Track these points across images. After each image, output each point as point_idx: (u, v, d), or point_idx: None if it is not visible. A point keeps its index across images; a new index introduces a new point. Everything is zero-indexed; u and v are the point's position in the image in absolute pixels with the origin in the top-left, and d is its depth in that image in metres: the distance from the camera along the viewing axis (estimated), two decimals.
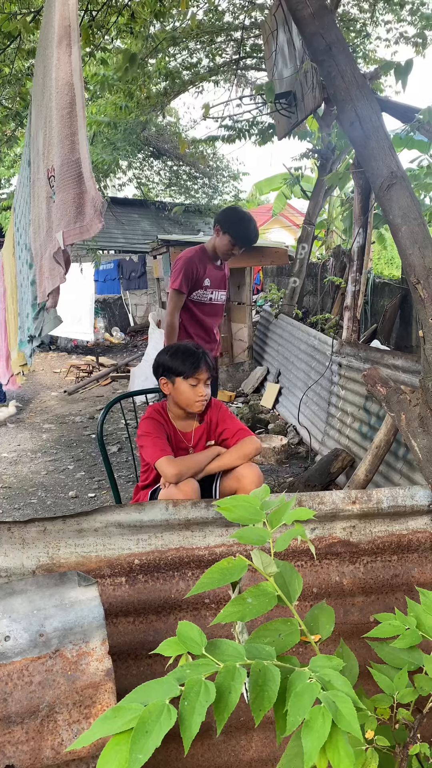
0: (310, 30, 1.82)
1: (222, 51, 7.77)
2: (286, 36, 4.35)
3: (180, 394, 2.43)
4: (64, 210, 1.95)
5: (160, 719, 0.89)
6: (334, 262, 8.58)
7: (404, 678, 1.19)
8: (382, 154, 1.72)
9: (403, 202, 1.69)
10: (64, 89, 1.95)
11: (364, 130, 1.74)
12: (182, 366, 2.40)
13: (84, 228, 1.88)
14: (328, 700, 0.95)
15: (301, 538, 1.30)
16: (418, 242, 1.66)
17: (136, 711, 0.91)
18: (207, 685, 0.94)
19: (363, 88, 1.76)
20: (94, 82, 6.01)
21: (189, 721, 0.89)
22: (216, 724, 0.93)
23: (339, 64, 1.76)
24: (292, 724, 0.94)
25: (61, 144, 1.98)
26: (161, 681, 0.96)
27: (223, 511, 1.21)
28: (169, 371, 2.42)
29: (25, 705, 1.22)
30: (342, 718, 0.93)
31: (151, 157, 15.43)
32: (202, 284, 3.88)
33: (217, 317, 4.16)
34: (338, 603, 1.64)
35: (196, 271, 3.80)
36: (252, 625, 1.43)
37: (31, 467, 5.75)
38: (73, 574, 1.34)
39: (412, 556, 1.67)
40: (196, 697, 0.92)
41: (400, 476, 3.59)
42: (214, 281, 3.94)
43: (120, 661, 1.57)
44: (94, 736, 0.92)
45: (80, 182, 1.89)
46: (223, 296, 4.10)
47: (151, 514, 1.59)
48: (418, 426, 1.68)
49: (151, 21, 4.87)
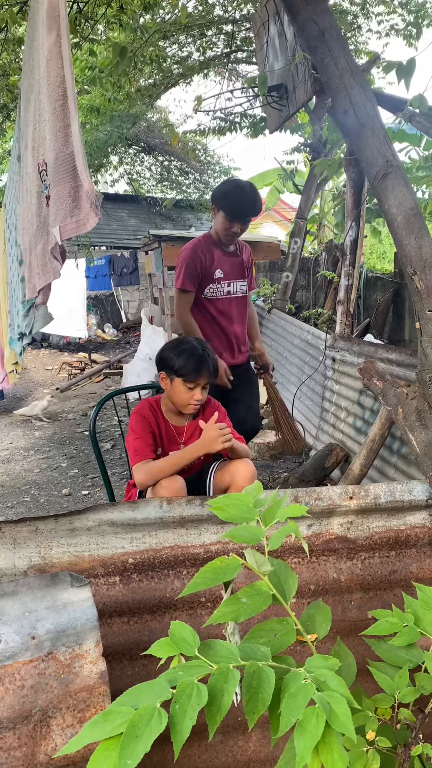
0: (303, 16, 1.79)
1: (212, 44, 7.71)
2: (277, 28, 4.31)
3: (176, 394, 2.42)
4: (60, 204, 1.91)
5: (151, 723, 0.86)
6: (327, 257, 8.56)
7: (405, 677, 1.17)
8: (377, 142, 1.69)
9: (399, 191, 1.66)
10: (56, 81, 1.92)
11: (359, 118, 1.70)
12: (184, 368, 2.36)
13: (81, 222, 1.85)
14: (323, 701, 0.93)
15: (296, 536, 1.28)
16: (414, 232, 1.63)
17: (126, 715, 0.88)
18: (199, 687, 0.92)
19: (357, 76, 1.73)
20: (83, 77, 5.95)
21: (180, 726, 0.87)
22: (209, 727, 0.90)
23: (332, 50, 1.73)
24: (285, 725, 0.92)
25: (55, 137, 1.95)
26: (152, 684, 0.94)
27: (215, 510, 1.18)
28: (170, 368, 2.39)
29: (18, 710, 1.19)
30: (336, 719, 0.91)
31: (142, 153, 15.37)
32: (213, 277, 3.36)
33: (240, 313, 3.55)
34: (336, 600, 1.62)
35: (200, 264, 3.32)
36: (247, 624, 1.41)
37: (23, 465, 5.71)
38: (66, 574, 1.31)
39: (410, 552, 1.65)
40: (187, 701, 0.90)
41: (395, 470, 3.58)
42: (228, 271, 3.40)
43: (115, 662, 1.55)
44: (84, 740, 0.90)
45: (75, 176, 1.85)
46: (244, 287, 3.52)
47: (145, 512, 1.57)
48: (415, 420, 1.66)
49: (140, 13, 4.82)
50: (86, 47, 4.78)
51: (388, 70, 2.06)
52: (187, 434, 2.55)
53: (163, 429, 2.51)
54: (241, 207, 3.18)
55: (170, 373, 2.39)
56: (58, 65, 1.93)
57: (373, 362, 1.98)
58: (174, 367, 2.37)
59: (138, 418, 2.46)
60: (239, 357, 3.57)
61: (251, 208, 3.23)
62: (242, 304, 3.55)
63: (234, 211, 3.18)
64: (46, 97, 1.98)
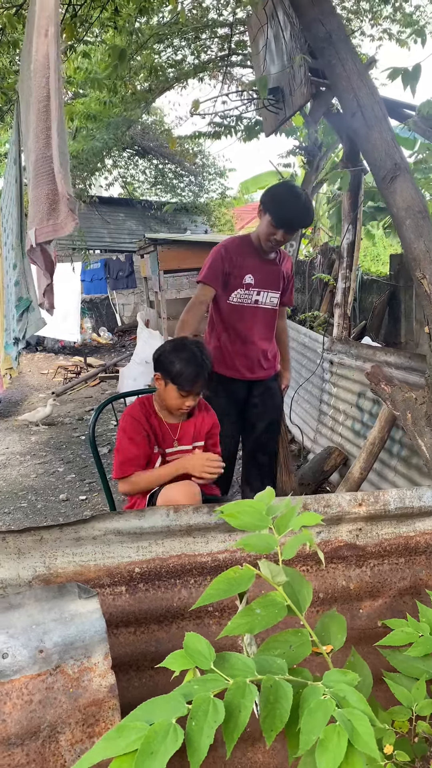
0: (309, 16, 1.77)
1: (207, 48, 7.70)
2: (273, 31, 4.30)
3: (168, 398, 2.42)
4: (37, 206, 1.88)
5: (166, 740, 0.83)
6: (322, 260, 8.55)
7: (422, 689, 1.15)
8: (385, 145, 1.68)
9: (407, 194, 1.65)
10: (41, 82, 1.89)
11: (366, 120, 1.69)
12: (181, 378, 2.34)
13: (58, 226, 1.81)
14: (344, 719, 0.90)
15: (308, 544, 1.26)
16: (423, 236, 1.62)
17: (140, 730, 0.85)
18: (216, 703, 0.89)
19: (364, 77, 1.72)
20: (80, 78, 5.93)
21: (197, 743, 0.84)
22: (225, 743, 0.88)
23: (340, 52, 1.72)
24: (306, 743, 0.89)
25: (36, 138, 1.92)
26: (167, 698, 0.91)
27: (227, 518, 1.16)
28: (167, 372, 2.37)
29: (26, 725, 1.16)
30: (358, 738, 0.88)
31: (137, 156, 15.35)
32: (242, 281, 3.04)
33: (267, 327, 3.20)
34: (345, 608, 1.60)
35: (229, 263, 3.02)
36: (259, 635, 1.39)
37: (20, 470, 5.67)
38: (73, 585, 1.29)
39: (420, 559, 1.63)
40: (204, 717, 0.87)
41: (395, 474, 3.56)
42: (260, 278, 3.08)
43: (122, 674, 1.52)
44: (97, 757, 0.87)
45: (52, 179, 1.82)
46: (275, 299, 3.17)
47: (151, 521, 1.54)
48: (425, 425, 1.64)
49: (135, 16, 4.80)
50: (80, 50, 4.76)
51: (394, 77, 2.05)
52: (181, 432, 2.55)
53: (156, 427, 2.50)
54: (291, 215, 2.87)
55: (166, 377, 2.38)
56: (45, 66, 1.90)
57: (380, 367, 1.96)
58: (171, 372, 2.35)
59: (130, 422, 2.45)
60: (259, 372, 3.25)
61: (302, 219, 2.96)
62: (270, 318, 3.21)
63: (282, 219, 2.86)
64: (34, 98, 1.95)
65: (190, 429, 2.57)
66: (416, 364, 3.37)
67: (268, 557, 1.14)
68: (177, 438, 2.54)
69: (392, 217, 1.73)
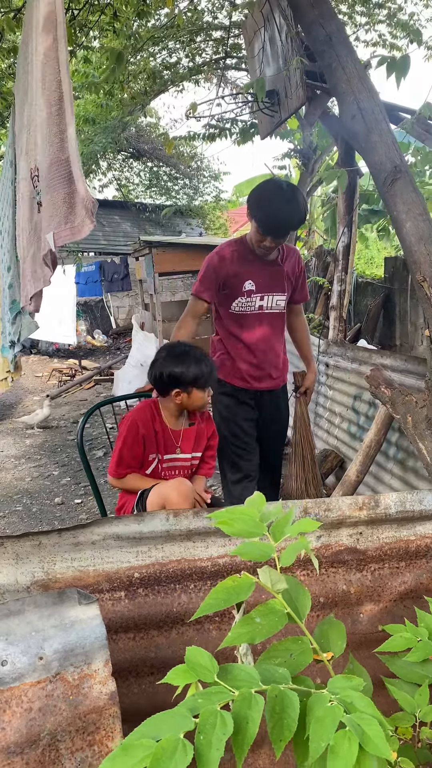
0: (309, 19, 1.77)
1: (202, 51, 7.71)
2: (269, 34, 4.30)
3: (194, 402, 2.47)
4: (53, 210, 1.89)
5: (175, 756, 0.81)
6: (317, 262, 8.57)
7: (425, 694, 1.14)
8: (385, 147, 1.68)
9: (408, 197, 1.65)
10: (52, 86, 1.89)
11: (366, 123, 1.69)
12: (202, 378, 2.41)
13: (75, 229, 1.82)
14: (353, 723, 0.90)
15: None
16: (424, 239, 1.62)
17: (148, 748, 0.83)
18: (223, 716, 0.87)
19: (364, 80, 1.72)
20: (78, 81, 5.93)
21: (207, 757, 0.83)
22: (235, 757, 0.87)
23: (340, 55, 1.71)
24: (316, 751, 0.88)
25: (50, 142, 1.92)
26: (172, 713, 0.89)
27: (220, 525, 1.14)
28: (184, 384, 2.41)
29: (25, 734, 1.15)
30: (369, 742, 0.87)
31: (131, 158, 15.36)
32: (242, 288, 2.86)
33: (275, 333, 3.01)
34: (345, 613, 1.59)
35: (224, 272, 2.85)
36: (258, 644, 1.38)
37: (14, 474, 5.65)
38: (73, 591, 1.27)
39: (421, 563, 1.63)
40: (212, 730, 0.86)
41: (392, 476, 3.56)
42: (262, 283, 2.89)
43: (121, 680, 1.50)
44: None
45: (70, 182, 1.82)
46: (282, 302, 2.97)
47: (150, 525, 1.53)
48: (425, 428, 1.64)
49: (133, 19, 4.80)
50: (81, 55, 4.76)
51: (381, 64, 2.02)
52: (183, 439, 2.58)
53: (160, 433, 2.52)
54: (277, 221, 2.64)
55: (186, 388, 2.42)
56: (55, 69, 1.90)
57: (380, 370, 1.96)
58: (191, 381, 2.39)
59: (130, 426, 2.47)
60: (268, 382, 3.09)
61: (290, 222, 2.68)
62: (278, 322, 3.03)
63: (268, 226, 2.67)
64: (42, 102, 1.95)
65: (191, 436, 2.60)
66: (412, 366, 3.37)
67: (267, 563, 1.13)
68: (179, 445, 2.57)
69: (392, 220, 1.73)
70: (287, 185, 2.72)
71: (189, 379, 2.39)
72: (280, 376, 3.15)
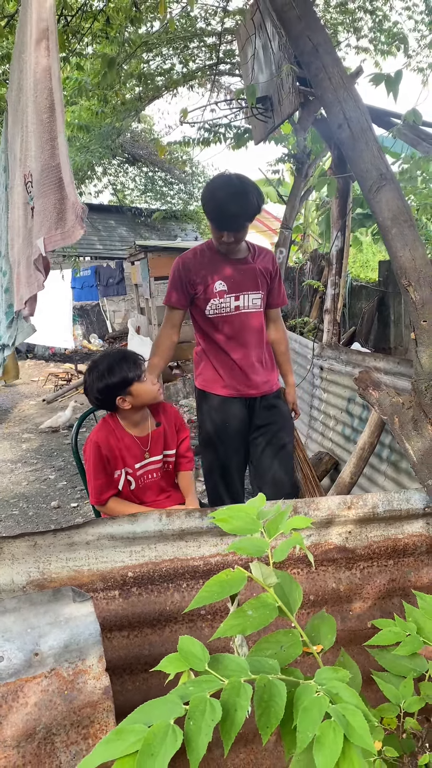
0: (296, 31, 1.81)
1: (195, 57, 7.77)
2: (262, 41, 4.36)
3: (143, 395, 2.39)
4: (44, 216, 1.92)
5: (166, 741, 0.85)
6: (311, 266, 8.63)
7: (410, 686, 1.18)
8: (371, 156, 1.71)
9: (393, 204, 1.69)
10: (43, 93, 1.92)
11: (353, 132, 1.73)
12: (131, 371, 2.35)
13: (66, 234, 1.85)
14: (338, 714, 0.93)
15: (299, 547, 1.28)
16: (409, 244, 1.66)
17: (139, 733, 0.87)
18: (212, 703, 0.91)
19: (350, 90, 1.76)
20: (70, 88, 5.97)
21: (196, 742, 0.86)
22: (223, 742, 0.90)
23: (326, 66, 1.76)
24: (303, 741, 0.91)
25: (41, 149, 1.95)
26: (164, 700, 0.93)
27: (219, 523, 1.19)
28: (121, 386, 2.35)
29: (21, 728, 1.17)
30: (354, 732, 0.90)
31: (126, 164, 15.42)
32: (213, 290, 2.78)
33: (257, 333, 2.90)
34: (335, 610, 1.62)
35: (190, 276, 2.79)
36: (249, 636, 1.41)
37: (11, 478, 5.66)
38: (68, 589, 1.31)
39: (408, 560, 1.66)
40: (201, 717, 0.89)
41: (385, 478, 3.60)
42: (233, 282, 2.79)
43: (115, 677, 1.53)
44: (97, 760, 0.88)
45: (60, 188, 1.86)
46: (258, 300, 2.86)
47: (144, 526, 1.56)
48: (411, 429, 1.67)
49: (126, 26, 4.85)
50: (74, 61, 4.80)
51: (377, 83, 2.08)
52: (152, 443, 2.53)
53: (123, 444, 2.47)
54: (223, 213, 2.59)
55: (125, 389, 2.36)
56: (46, 77, 1.93)
57: (368, 372, 1.99)
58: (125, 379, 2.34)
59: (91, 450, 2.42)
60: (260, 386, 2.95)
61: (239, 214, 2.59)
62: (258, 322, 2.90)
63: (217, 221, 2.64)
64: (33, 109, 1.98)
65: (159, 438, 2.55)
66: (405, 369, 3.40)
67: (260, 560, 1.17)
68: (148, 449, 2.52)
69: (378, 226, 1.77)
70: (236, 177, 2.64)
71: (117, 381, 2.34)
72: (271, 378, 3.02)
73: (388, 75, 2.07)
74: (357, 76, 4.10)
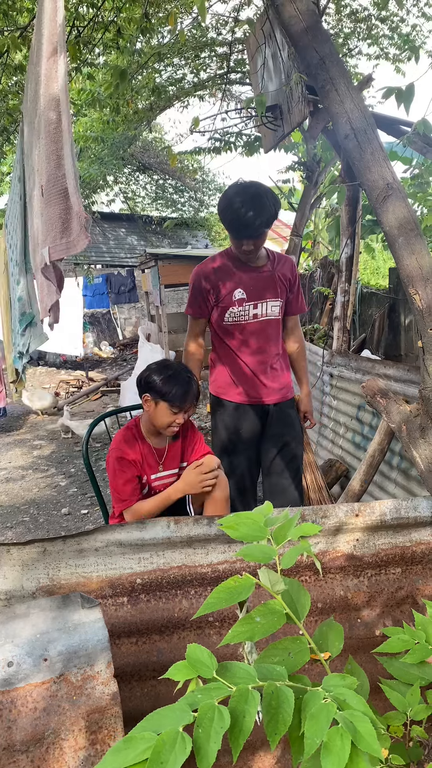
0: (303, 43, 1.83)
1: (206, 66, 7.84)
2: (272, 50, 4.39)
3: (159, 417, 2.40)
4: (50, 225, 1.94)
5: (175, 748, 0.85)
6: (322, 273, 8.63)
7: (417, 694, 1.17)
8: (377, 165, 1.73)
9: (400, 213, 1.70)
10: (51, 105, 1.95)
11: (360, 143, 1.74)
12: (171, 394, 2.34)
13: (71, 243, 1.87)
14: (346, 721, 0.93)
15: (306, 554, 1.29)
16: (416, 253, 1.66)
17: (149, 741, 0.87)
18: (221, 710, 0.91)
19: (357, 101, 1.77)
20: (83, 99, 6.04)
21: (205, 750, 0.86)
22: (231, 749, 0.90)
23: (333, 77, 1.77)
24: (310, 747, 0.91)
25: (48, 159, 1.98)
26: (173, 708, 0.94)
27: (226, 530, 1.19)
28: (156, 392, 2.37)
29: (30, 732, 1.19)
30: (361, 739, 0.91)
31: (137, 172, 15.52)
32: (232, 299, 2.78)
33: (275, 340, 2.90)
34: (343, 617, 1.62)
35: (209, 285, 2.80)
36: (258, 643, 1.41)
37: (22, 484, 5.70)
38: (77, 595, 1.32)
39: (416, 568, 1.66)
40: (210, 724, 0.89)
41: (395, 486, 3.59)
42: (252, 290, 2.80)
43: (123, 683, 1.54)
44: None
45: (66, 197, 1.88)
46: (276, 307, 2.85)
47: (152, 533, 1.57)
48: (419, 436, 1.67)
49: (137, 36, 4.90)
50: (85, 71, 4.85)
51: (387, 96, 2.10)
52: (168, 456, 2.53)
53: (143, 453, 2.47)
54: (240, 221, 2.58)
55: (156, 397, 2.37)
56: (54, 89, 1.96)
57: (376, 380, 2.00)
58: (161, 391, 2.35)
59: (116, 459, 2.41)
60: (273, 394, 2.95)
61: (252, 221, 2.57)
62: (275, 329, 2.90)
63: (235, 228, 2.63)
64: (43, 120, 2.02)
65: (177, 452, 2.55)
66: (415, 376, 3.40)
67: (267, 567, 1.17)
68: (162, 462, 2.52)
69: (385, 235, 1.78)
70: (251, 184, 2.65)
71: (159, 386, 2.35)
72: (286, 387, 3.00)
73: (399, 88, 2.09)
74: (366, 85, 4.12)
